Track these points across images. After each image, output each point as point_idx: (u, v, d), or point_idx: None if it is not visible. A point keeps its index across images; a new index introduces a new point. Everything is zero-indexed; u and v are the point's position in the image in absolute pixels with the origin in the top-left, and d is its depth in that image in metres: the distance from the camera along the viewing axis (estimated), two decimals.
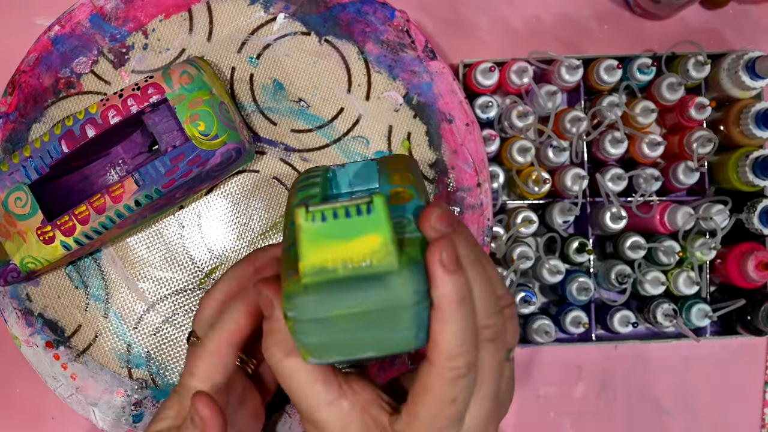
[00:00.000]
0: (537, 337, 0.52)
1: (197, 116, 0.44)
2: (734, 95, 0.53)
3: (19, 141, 0.50)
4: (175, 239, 0.50)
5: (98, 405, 0.50)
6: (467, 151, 0.50)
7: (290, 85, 0.50)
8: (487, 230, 0.50)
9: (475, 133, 0.50)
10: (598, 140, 0.53)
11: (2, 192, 0.45)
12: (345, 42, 0.50)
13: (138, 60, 0.50)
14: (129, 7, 0.50)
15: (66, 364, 0.50)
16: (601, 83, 0.53)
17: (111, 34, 0.50)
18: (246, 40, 0.50)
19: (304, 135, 0.51)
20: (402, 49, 0.50)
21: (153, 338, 0.50)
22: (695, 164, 0.51)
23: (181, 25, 0.50)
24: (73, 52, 0.50)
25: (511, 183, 0.55)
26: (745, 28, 0.58)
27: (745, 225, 0.53)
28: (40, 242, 0.45)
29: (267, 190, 0.51)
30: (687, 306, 0.53)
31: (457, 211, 0.50)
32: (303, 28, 0.50)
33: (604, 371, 0.57)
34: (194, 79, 0.45)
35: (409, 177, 0.35)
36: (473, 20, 0.57)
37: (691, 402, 0.57)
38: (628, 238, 0.52)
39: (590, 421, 0.57)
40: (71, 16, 0.50)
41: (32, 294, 0.50)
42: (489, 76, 0.52)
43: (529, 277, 0.56)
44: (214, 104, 0.45)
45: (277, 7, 0.50)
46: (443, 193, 0.50)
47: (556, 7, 0.57)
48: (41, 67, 0.50)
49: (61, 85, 0.50)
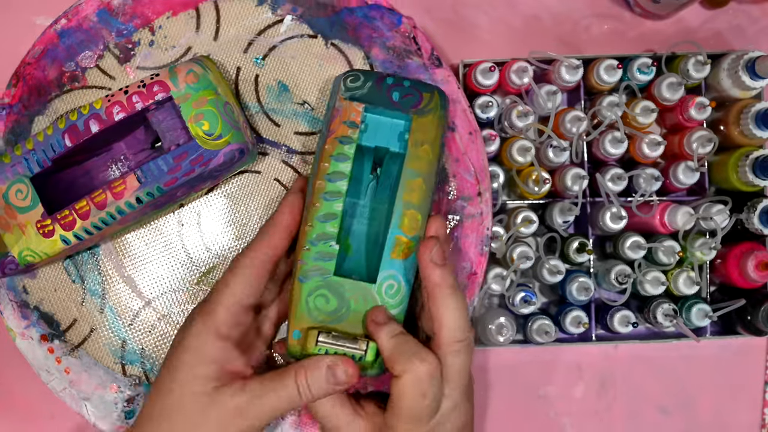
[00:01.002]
0: (537, 337, 0.52)
1: (202, 116, 0.44)
2: (734, 95, 0.54)
3: (22, 133, 0.50)
4: (173, 237, 0.50)
5: (91, 400, 0.50)
6: (469, 160, 0.50)
7: (295, 87, 0.50)
8: (485, 239, 0.50)
9: (477, 142, 0.50)
10: (598, 140, 0.53)
11: (3, 184, 0.45)
12: (351, 46, 0.50)
13: (143, 56, 0.50)
14: (137, 3, 0.50)
15: (60, 358, 0.50)
16: (601, 83, 0.53)
17: (117, 30, 0.50)
18: (252, 41, 0.50)
19: (307, 138, 0.50)
20: (408, 55, 0.50)
21: (148, 335, 0.50)
22: (695, 164, 0.51)
23: (188, 23, 0.50)
24: (79, 45, 0.50)
25: (511, 183, 0.55)
26: (745, 28, 0.58)
27: (745, 225, 0.53)
28: (40, 235, 0.45)
29: (268, 192, 0.51)
30: (687, 306, 0.53)
31: (457, 219, 0.50)
32: (310, 31, 0.50)
33: (604, 371, 0.57)
34: (200, 78, 0.45)
35: (417, 221, 0.42)
36: (473, 20, 0.57)
37: (691, 402, 0.57)
38: (628, 238, 0.52)
39: (590, 421, 0.57)
40: (78, 10, 0.50)
41: (29, 286, 0.50)
42: (489, 76, 0.52)
43: (529, 277, 0.56)
44: (219, 104, 0.45)
45: (284, 9, 0.50)
46: (443, 201, 0.50)
47: (556, 7, 0.57)
48: (46, 59, 0.50)
49: (65, 79, 0.50)
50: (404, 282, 0.42)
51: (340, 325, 0.42)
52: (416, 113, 0.43)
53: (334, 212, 0.42)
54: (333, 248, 0.42)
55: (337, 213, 0.42)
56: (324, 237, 0.42)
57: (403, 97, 0.43)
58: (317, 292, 0.42)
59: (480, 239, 0.50)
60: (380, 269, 0.42)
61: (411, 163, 0.43)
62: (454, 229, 0.50)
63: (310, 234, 0.42)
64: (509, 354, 0.57)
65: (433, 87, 0.44)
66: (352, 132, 0.43)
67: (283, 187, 0.50)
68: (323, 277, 0.42)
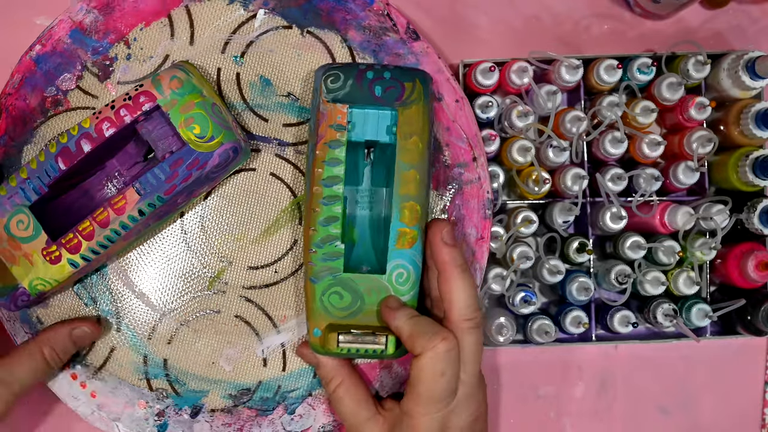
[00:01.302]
0: (537, 337, 0.52)
1: (191, 119, 0.44)
2: (734, 95, 0.54)
3: (12, 165, 0.50)
4: (179, 246, 0.50)
5: (121, 419, 0.50)
6: (459, 127, 0.50)
7: (277, 80, 0.50)
8: (487, 203, 0.50)
9: (465, 109, 0.50)
10: (598, 140, 0.53)
11: (3, 216, 0.45)
12: (327, 32, 0.50)
13: (123, 71, 0.50)
14: (108, 18, 0.50)
15: (85, 383, 0.50)
16: (601, 83, 0.53)
17: (93, 48, 0.50)
18: (229, 40, 0.50)
19: (296, 128, 0.51)
20: (384, 32, 0.50)
21: (168, 346, 0.50)
22: (695, 164, 0.51)
23: (162, 31, 0.50)
24: (57, 69, 0.50)
25: (511, 183, 0.55)
26: (745, 28, 0.58)
27: (745, 225, 0.53)
28: (47, 263, 0.45)
29: (266, 187, 0.51)
30: (687, 306, 0.53)
31: (456, 187, 0.50)
32: (284, 22, 0.50)
33: (604, 371, 0.57)
34: (184, 83, 0.45)
35: (417, 211, 0.43)
36: (473, 20, 0.57)
37: (691, 402, 0.57)
38: (628, 238, 0.52)
39: (590, 421, 0.57)
40: (51, 34, 0.49)
41: (42, 316, 0.50)
42: (489, 76, 0.52)
43: (529, 277, 0.56)
44: (207, 106, 0.45)
45: (256, 4, 0.50)
46: (440, 171, 0.50)
47: (556, 7, 0.57)
48: (26, 88, 0.49)
49: (48, 104, 0.50)
50: (413, 268, 0.44)
51: (356, 319, 0.43)
52: (401, 105, 0.44)
53: (335, 215, 0.43)
54: (339, 247, 0.43)
55: (337, 215, 0.43)
56: (328, 239, 0.43)
57: (386, 90, 0.44)
58: (330, 290, 0.43)
59: (482, 204, 0.50)
60: (388, 260, 0.43)
61: (402, 156, 0.44)
62: (455, 197, 0.50)
63: (314, 237, 0.43)
64: (509, 354, 0.57)
65: (413, 74, 0.45)
66: (340, 135, 0.44)
67: (280, 180, 0.50)
68: (334, 276, 0.43)
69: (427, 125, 0.44)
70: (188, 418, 0.50)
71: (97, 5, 0.49)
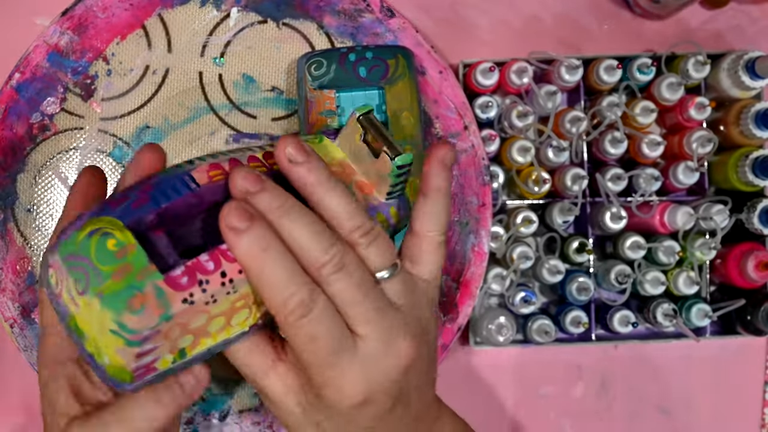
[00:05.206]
0: (537, 337, 0.52)
1: None
2: (734, 95, 0.54)
3: (8, 195, 0.49)
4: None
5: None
6: (447, 98, 0.50)
7: (260, 75, 0.51)
8: (484, 170, 0.50)
9: (450, 79, 0.50)
10: (598, 140, 0.53)
11: None
12: (303, 21, 0.50)
13: (105, 87, 0.50)
14: (83, 37, 0.49)
15: None
16: (601, 83, 0.53)
17: (72, 68, 0.50)
18: (206, 42, 0.50)
19: (285, 121, 0.51)
20: (359, 14, 0.50)
21: None
22: (695, 164, 0.51)
23: (138, 43, 0.50)
24: (40, 94, 0.49)
25: (511, 183, 0.55)
26: (745, 28, 0.58)
27: (745, 225, 0.53)
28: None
29: None
30: (687, 306, 0.53)
31: None
32: (259, 17, 0.50)
33: (604, 371, 0.57)
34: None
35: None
36: (473, 20, 0.57)
37: (691, 402, 0.57)
38: (628, 238, 0.52)
39: (590, 421, 0.57)
40: (29, 60, 0.49)
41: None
42: (489, 76, 0.52)
43: (529, 277, 0.56)
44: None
45: (228, 3, 0.50)
46: (433, 143, 0.50)
47: (556, 7, 0.57)
48: (11, 117, 0.49)
49: (35, 130, 0.50)
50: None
51: None
52: (387, 83, 0.44)
53: None
54: None
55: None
56: None
57: (370, 70, 0.44)
58: None
59: (479, 171, 0.50)
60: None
61: (395, 133, 0.44)
62: (452, 168, 0.50)
63: None
64: (509, 354, 0.57)
65: (395, 50, 0.45)
66: (331, 120, 0.44)
67: None
68: None
69: (416, 99, 0.45)
70: (217, 422, 0.50)
71: (70, 26, 0.49)
